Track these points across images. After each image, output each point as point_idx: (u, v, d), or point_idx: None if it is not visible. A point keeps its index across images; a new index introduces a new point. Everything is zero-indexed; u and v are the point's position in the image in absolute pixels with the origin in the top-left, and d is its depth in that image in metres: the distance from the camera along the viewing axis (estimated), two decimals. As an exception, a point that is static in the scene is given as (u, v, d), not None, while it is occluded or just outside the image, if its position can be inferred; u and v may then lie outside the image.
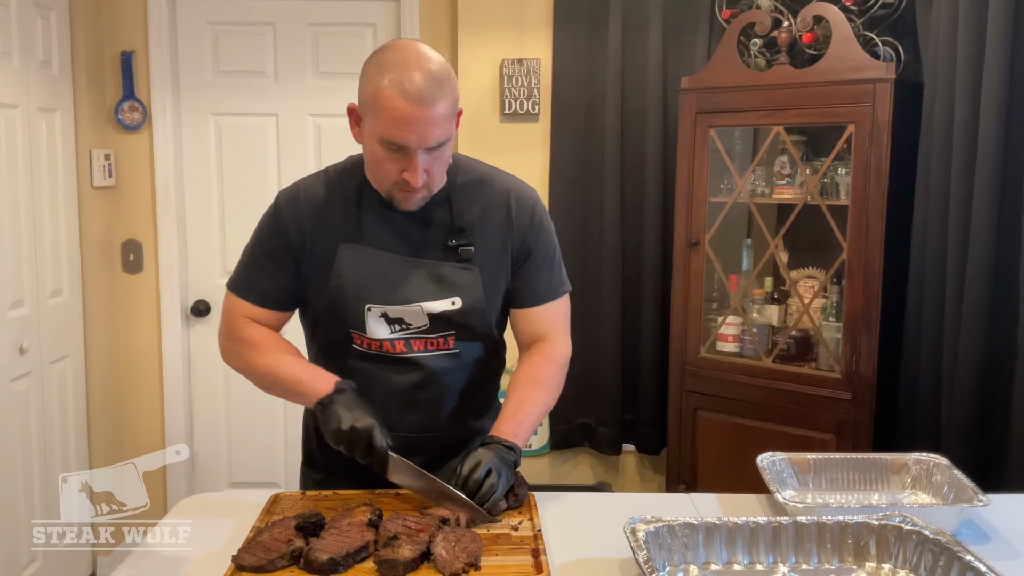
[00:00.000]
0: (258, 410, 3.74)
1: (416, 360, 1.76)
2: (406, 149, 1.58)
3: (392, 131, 1.57)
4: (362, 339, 1.75)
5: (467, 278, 1.73)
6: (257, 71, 3.64)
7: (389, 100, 1.55)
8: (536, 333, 1.84)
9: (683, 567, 1.44)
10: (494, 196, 1.77)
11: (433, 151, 1.60)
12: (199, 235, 3.70)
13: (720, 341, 3.32)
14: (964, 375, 2.65)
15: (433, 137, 1.58)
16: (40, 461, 3.12)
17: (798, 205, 3.09)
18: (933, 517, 1.54)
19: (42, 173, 3.13)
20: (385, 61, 1.58)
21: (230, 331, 1.80)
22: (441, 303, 1.72)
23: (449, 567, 1.38)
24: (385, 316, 1.72)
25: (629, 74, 3.49)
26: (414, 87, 1.54)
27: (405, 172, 1.61)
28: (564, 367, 1.86)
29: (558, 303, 1.85)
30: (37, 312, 3.11)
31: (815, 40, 3.04)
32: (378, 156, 1.62)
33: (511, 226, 1.77)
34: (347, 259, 1.72)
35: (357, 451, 1.60)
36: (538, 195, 1.85)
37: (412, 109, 1.54)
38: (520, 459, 1.68)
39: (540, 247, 1.80)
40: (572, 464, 3.79)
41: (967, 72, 2.64)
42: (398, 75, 1.55)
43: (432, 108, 1.55)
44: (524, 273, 1.79)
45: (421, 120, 1.55)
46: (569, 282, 1.88)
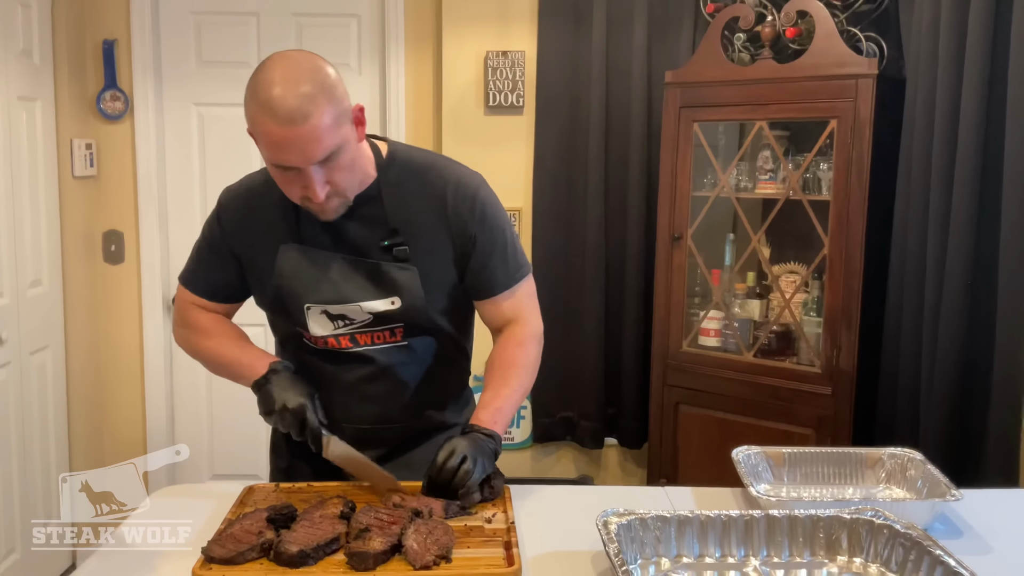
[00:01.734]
0: (240, 402, 3.67)
1: (365, 354, 1.75)
2: (297, 168, 1.54)
3: (275, 155, 1.53)
4: (308, 336, 1.76)
5: (405, 278, 1.70)
6: (240, 61, 3.62)
7: (263, 126, 1.50)
8: (504, 319, 1.81)
9: (655, 560, 1.44)
10: (431, 188, 1.72)
11: (326, 163, 1.55)
12: (181, 226, 3.68)
13: (702, 335, 3.32)
14: (943, 371, 2.67)
15: (317, 152, 1.52)
16: (19, 451, 3.10)
17: (780, 200, 3.09)
18: (906, 512, 1.54)
19: (22, 162, 3.11)
20: (256, 84, 1.52)
21: (180, 317, 1.86)
22: (380, 303, 1.71)
23: (420, 559, 1.38)
24: (326, 313, 1.72)
25: (614, 68, 3.49)
26: (281, 109, 1.47)
27: (306, 188, 1.57)
28: (538, 343, 1.82)
29: (520, 287, 1.80)
30: (16, 302, 3.08)
31: (799, 35, 3.05)
32: (278, 178, 1.59)
33: (447, 220, 1.71)
34: (286, 259, 1.71)
35: (292, 429, 1.63)
36: (482, 181, 1.77)
37: (284, 131, 1.49)
38: (500, 447, 1.68)
39: (485, 237, 1.74)
40: (554, 458, 3.79)
41: (948, 68, 2.65)
42: (265, 98, 1.48)
43: (304, 125, 1.48)
44: (475, 265, 1.75)
45: (297, 140, 1.49)
46: (528, 263, 1.83)
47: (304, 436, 1.63)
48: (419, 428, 1.84)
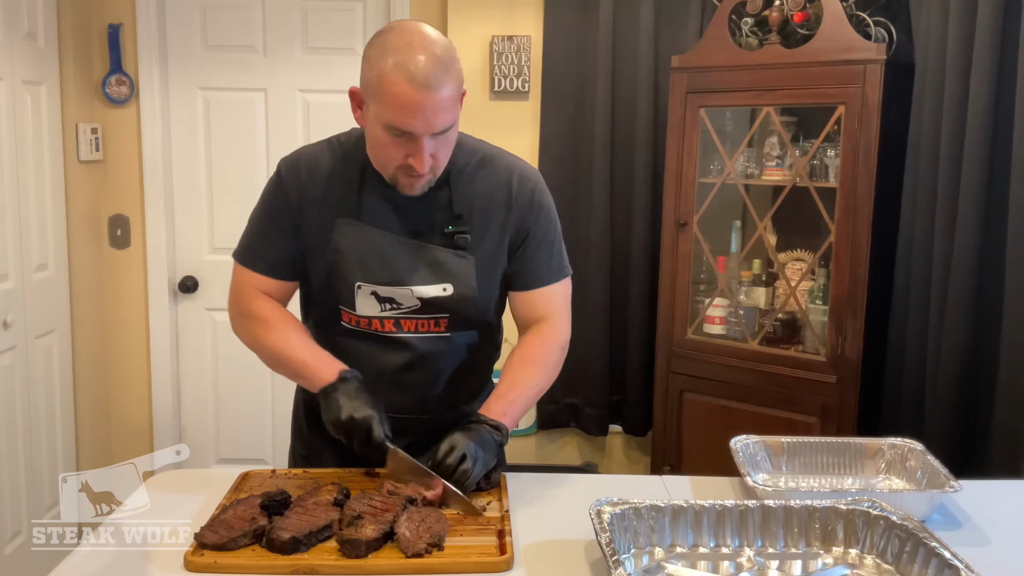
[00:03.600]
0: (246, 387, 3.74)
1: (405, 341, 1.74)
2: (411, 135, 1.54)
3: (397, 117, 1.52)
4: (350, 316, 1.74)
5: (461, 266, 1.70)
6: (246, 45, 3.61)
7: (394, 86, 1.50)
8: (535, 316, 1.81)
9: (648, 549, 1.43)
10: (496, 177, 1.74)
11: (439, 136, 1.57)
12: (187, 210, 3.68)
13: (707, 323, 3.30)
14: (948, 360, 2.65)
15: (439, 123, 1.54)
16: (25, 435, 3.12)
17: (787, 187, 3.07)
18: (904, 503, 1.53)
19: (27, 147, 3.11)
20: (388, 44, 1.53)
21: (239, 304, 1.78)
22: (432, 288, 1.70)
23: (412, 547, 1.38)
24: (375, 294, 1.71)
25: (620, 52, 3.46)
26: (419, 72, 1.49)
27: (410, 158, 1.57)
28: (563, 349, 1.83)
29: (558, 286, 1.81)
30: (22, 287, 3.09)
31: (807, 20, 3.01)
32: (382, 141, 1.58)
33: (511, 207, 1.74)
34: (343, 234, 1.69)
35: (355, 441, 1.59)
36: (540, 176, 1.81)
37: (418, 95, 1.50)
38: (506, 439, 1.67)
39: (539, 229, 1.77)
40: (559, 445, 3.78)
41: (958, 54, 2.62)
42: (403, 59, 1.50)
43: (438, 93, 1.51)
44: (523, 255, 1.76)
45: (427, 106, 1.51)
46: (569, 267, 1.85)
47: (368, 448, 1.59)
48: (448, 420, 1.80)
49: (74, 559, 1.44)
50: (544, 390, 1.81)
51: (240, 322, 1.79)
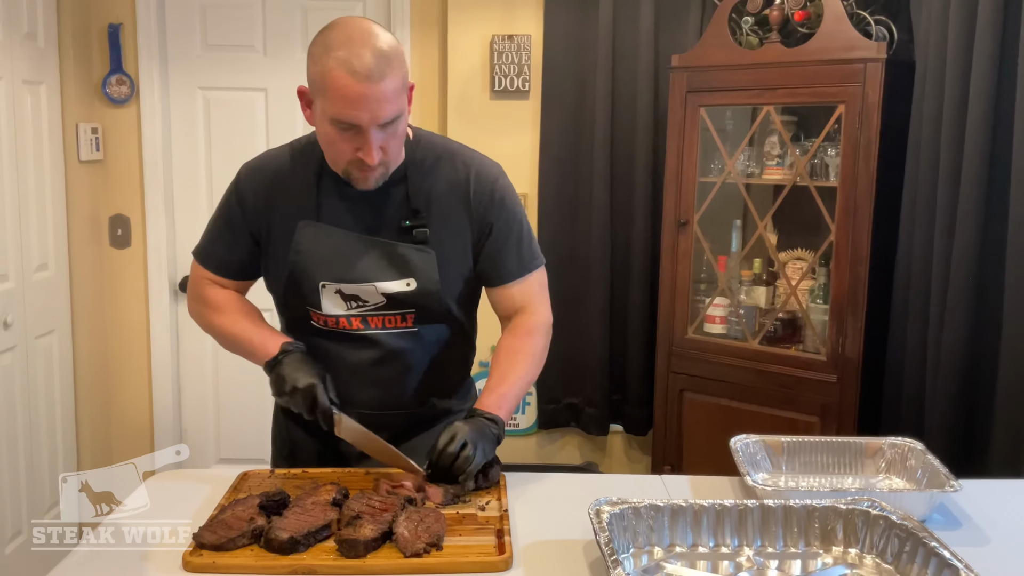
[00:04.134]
0: (246, 386, 3.72)
1: (374, 337, 1.76)
2: (359, 128, 1.56)
3: (343, 110, 1.55)
4: (318, 316, 1.76)
5: (422, 260, 1.71)
6: (246, 45, 3.61)
7: (337, 80, 1.53)
8: (514, 308, 1.83)
9: (647, 549, 1.43)
10: (453, 173, 1.75)
11: (387, 127, 1.59)
12: (187, 210, 3.68)
13: (708, 322, 3.30)
14: (949, 359, 2.64)
15: (385, 113, 1.56)
16: (25, 434, 3.12)
17: (787, 186, 3.06)
18: (904, 502, 1.53)
19: (27, 146, 3.11)
20: (331, 40, 1.56)
21: (194, 291, 1.86)
22: (395, 283, 1.72)
23: (410, 547, 1.37)
24: (340, 293, 1.73)
25: (620, 51, 3.45)
26: (362, 64, 1.52)
27: (359, 151, 1.59)
28: (547, 334, 1.84)
29: (531, 276, 1.82)
30: (22, 286, 3.09)
31: (807, 19, 3.00)
32: (331, 136, 1.60)
33: (469, 204, 1.75)
34: (304, 235, 1.72)
35: (303, 409, 1.63)
36: (501, 171, 1.81)
37: (361, 87, 1.52)
38: (503, 432, 1.68)
39: (502, 224, 1.77)
40: (559, 444, 3.78)
41: (958, 53, 2.61)
42: (345, 53, 1.53)
43: (381, 84, 1.53)
44: (490, 251, 1.77)
45: (371, 97, 1.53)
46: (542, 255, 1.85)
47: (315, 415, 1.63)
48: (422, 415, 1.85)
49: (73, 559, 1.43)
50: (534, 379, 1.82)
51: (194, 308, 1.87)
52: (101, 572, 1.39)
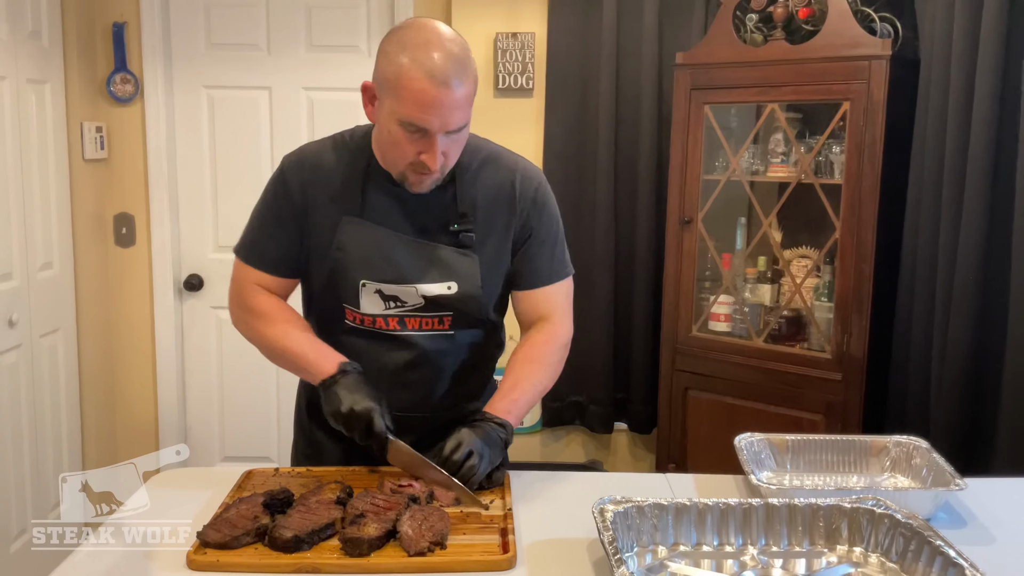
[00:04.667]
0: (251, 385, 3.75)
1: (409, 339, 1.74)
2: (426, 131, 1.55)
3: (414, 113, 1.53)
4: (354, 315, 1.73)
5: (465, 264, 1.70)
6: (250, 43, 3.61)
7: (413, 82, 1.51)
8: (537, 314, 1.82)
9: (651, 548, 1.43)
10: (499, 176, 1.74)
11: (452, 134, 1.57)
12: (192, 209, 3.69)
13: (712, 320, 3.30)
14: (954, 357, 2.64)
15: (455, 120, 1.55)
16: (31, 433, 3.13)
17: (792, 184, 3.06)
18: (908, 501, 1.52)
19: (32, 145, 3.11)
20: (407, 40, 1.54)
21: (240, 299, 1.79)
22: (437, 286, 1.70)
23: (414, 546, 1.37)
24: (380, 293, 1.71)
25: (624, 49, 3.45)
26: (439, 69, 1.50)
27: (423, 154, 1.57)
28: (564, 348, 1.84)
29: (560, 285, 1.82)
30: (27, 285, 3.10)
31: (812, 16, 3.00)
32: (396, 137, 1.58)
33: (514, 207, 1.74)
34: (348, 233, 1.69)
35: (356, 433, 1.59)
36: (543, 176, 1.81)
37: (436, 91, 1.51)
38: (511, 437, 1.67)
39: (542, 228, 1.77)
40: (564, 442, 3.78)
41: (963, 49, 2.61)
42: (422, 56, 1.51)
43: (456, 91, 1.52)
44: (525, 254, 1.77)
45: (445, 103, 1.52)
46: (571, 265, 1.85)
47: (369, 440, 1.59)
48: (450, 418, 1.80)
49: (76, 558, 1.44)
50: (547, 388, 1.82)
51: (240, 316, 1.80)
52: (105, 571, 1.39)
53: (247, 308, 1.78)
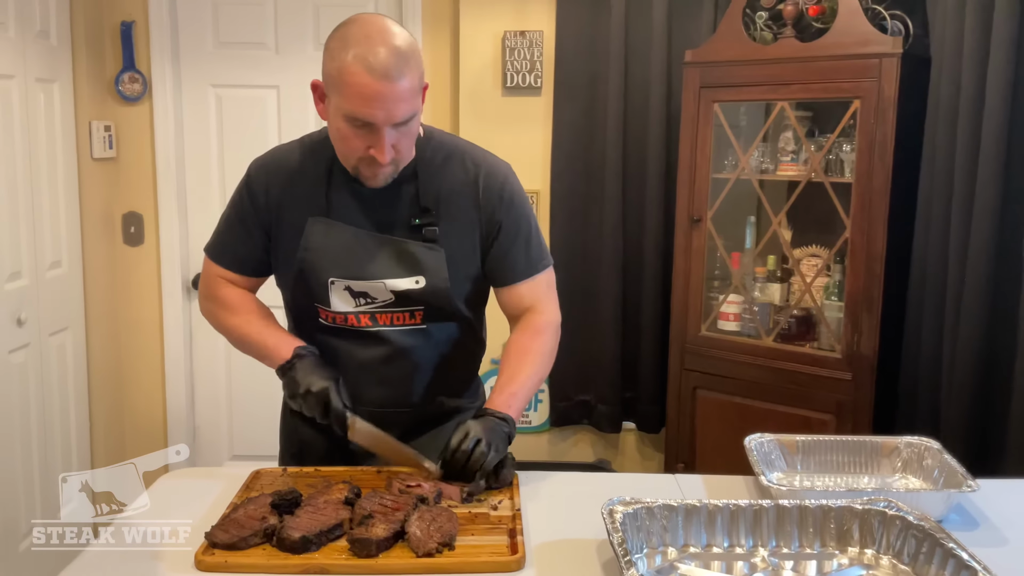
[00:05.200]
0: (259, 383, 3.70)
1: (382, 335, 1.75)
2: (372, 125, 1.56)
3: (358, 107, 1.54)
4: (327, 313, 1.75)
5: (431, 258, 1.71)
6: (258, 42, 3.61)
7: (354, 76, 1.52)
8: (522, 307, 1.82)
9: (661, 549, 1.42)
10: (463, 172, 1.75)
11: (400, 126, 1.58)
12: (200, 207, 3.69)
13: (721, 319, 3.28)
14: (965, 356, 2.62)
15: (400, 112, 1.56)
16: (39, 432, 3.13)
17: (802, 182, 3.04)
18: (920, 502, 1.51)
19: (40, 144, 3.12)
20: (349, 36, 1.55)
21: (206, 289, 1.85)
22: (404, 281, 1.71)
23: (423, 546, 1.37)
24: (349, 290, 1.72)
25: (633, 47, 3.44)
26: (379, 63, 1.51)
27: (372, 148, 1.59)
28: (555, 333, 1.83)
29: (540, 277, 1.82)
30: (36, 284, 3.10)
31: (821, 13, 2.98)
32: (344, 133, 1.60)
33: (478, 203, 1.74)
34: (314, 232, 1.71)
35: (316, 413, 1.62)
36: (511, 170, 1.81)
37: (378, 85, 1.52)
38: (515, 430, 1.67)
39: (511, 223, 1.76)
40: (571, 442, 3.77)
41: (974, 47, 2.59)
42: (363, 50, 1.52)
43: (398, 83, 1.53)
44: (498, 251, 1.77)
45: (387, 96, 1.53)
46: (550, 256, 1.85)
47: (328, 419, 1.62)
48: (431, 413, 1.84)
49: (85, 558, 1.44)
50: (543, 378, 1.82)
51: (206, 307, 1.86)
52: (113, 571, 1.39)
53: (212, 299, 1.83)
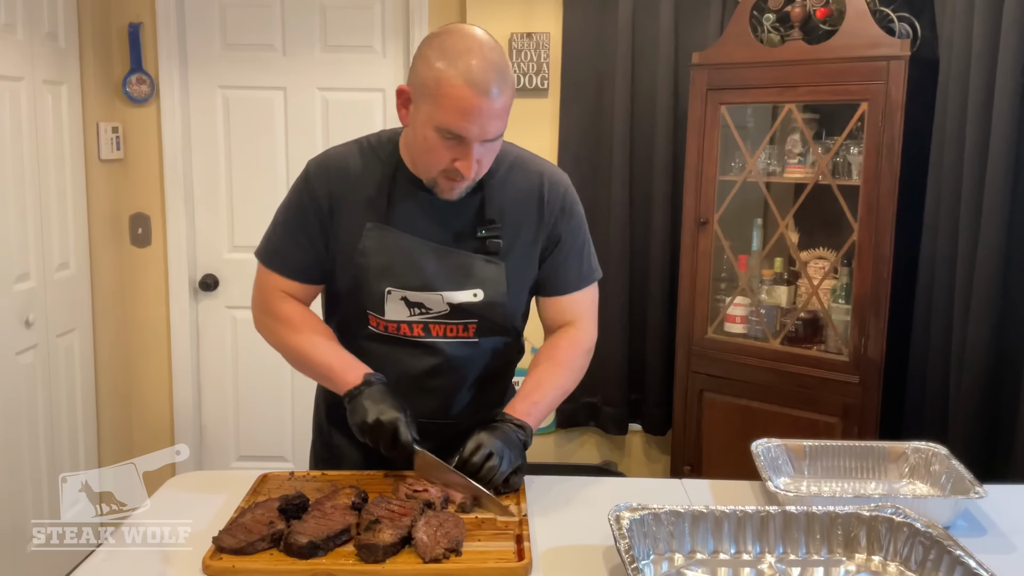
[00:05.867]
0: (266, 384, 3.75)
1: (433, 345, 1.73)
2: (463, 139, 1.54)
3: (454, 120, 1.52)
4: (378, 321, 1.72)
5: (492, 272, 1.69)
6: (265, 44, 3.62)
7: (454, 89, 1.50)
8: (563, 320, 1.81)
9: (668, 556, 1.42)
10: (527, 182, 1.73)
11: (488, 143, 1.56)
12: (207, 209, 3.70)
13: (728, 322, 3.28)
14: (973, 361, 2.61)
15: (493, 129, 1.54)
16: (47, 433, 3.14)
17: (809, 185, 3.03)
18: (928, 509, 1.51)
19: (48, 146, 3.13)
20: (447, 47, 1.53)
21: (264, 305, 1.78)
22: (463, 294, 1.69)
23: (429, 552, 1.37)
24: (405, 300, 1.69)
25: (640, 49, 3.43)
26: (480, 77, 1.50)
27: (458, 162, 1.56)
28: (588, 353, 1.82)
29: (587, 291, 1.81)
30: (44, 285, 3.11)
31: (829, 15, 2.97)
32: (431, 144, 1.56)
33: (542, 214, 1.72)
34: (372, 239, 1.68)
35: (382, 444, 1.58)
36: (569, 180, 1.80)
37: (478, 100, 1.50)
38: (530, 439, 1.67)
39: (570, 234, 1.76)
40: (577, 443, 3.77)
41: (983, 49, 2.58)
42: (464, 64, 1.50)
43: (496, 100, 1.51)
44: (554, 261, 1.75)
45: (485, 112, 1.51)
46: (599, 269, 1.84)
47: (395, 451, 1.58)
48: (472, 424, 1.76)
49: (93, 561, 1.44)
50: (568, 392, 1.80)
51: (264, 322, 1.79)
52: (121, 574, 1.40)
53: (271, 315, 1.76)
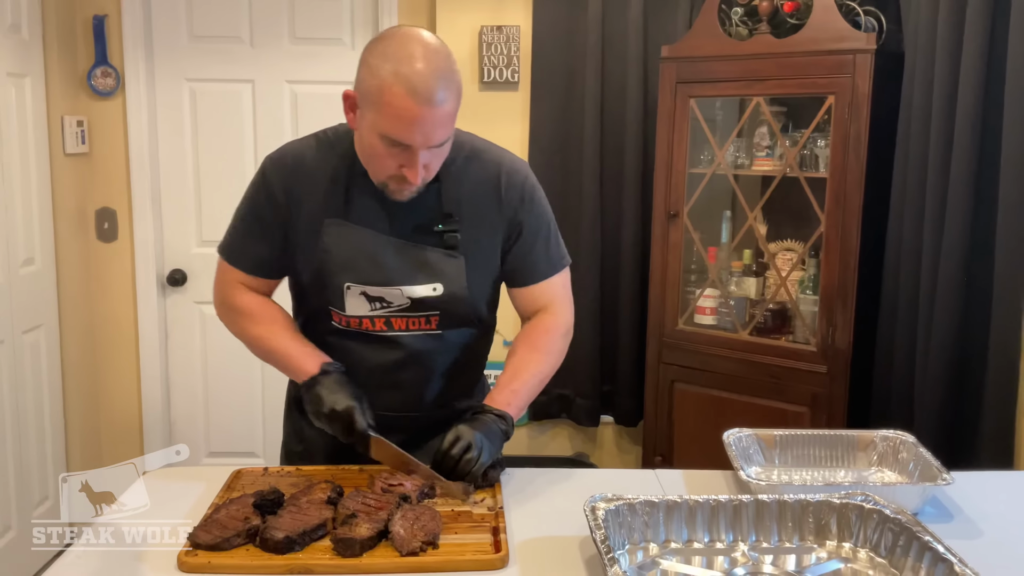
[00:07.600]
0: (236, 380, 3.72)
1: (397, 339, 1.72)
2: (408, 147, 1.52)
3: (396, 129, 1.50)
4: (340, 316, 1.72)
5: (451, 266, 1.68)
6: (232, 36, 3.58)
7: (396, 98, 1.47)
8: (537, 307, 1.80)
9: (643, 545, 1.44)
10: (484, 172, 1.71)
11: (435, 148, 1.55)
12: (174, 203, 3.66)
13: (698, 313, 3.31)
14: (939, 349, 2.65)
15: (438, 136, 1.52)
16: (14, 430, 3.10)
17: (777, 177, 3.07)
18: (896, 496, 1.53)
19: (12, 140, 3.08)
20: (390, 53, 1.49)
21: (224, 297, 1.78)
22: (422, 288, 1.68)
23: (406, 545, 1.37)
24: (365, 295, 1.69)
25: (610, 42, 3.45)
26: (423, 85, 1.46)
27: (404, 168, 1.55)
28: (566, 336, 1.82)
29: (558, 277, 1.80)
30: (8, 281, 3.07)
31: (797, 9, 3.00)
32: (377, 150, 1.55)
33: (500, 204, 1.71)
34: (332, 235, 1.67)
35: (339, 432, 1.58)
36: (529, 168, 1.79)
37: (420, 109, 1.47)
38: (512, 429, 1.67)
39: (532, 222, 1.74)
40: (550, 435, 3.79)
41: (947, 42, 2.62)
42: (406, 71, 1.47)
43: (440, 108, 1.49)
44: (519, 251, 1.74)
45: (429, 120, 1.49)
46: (567, 255, 1.83)
47: (352, 438, 1.59)
48: (442, 417, 1.79)
49: (67, 559, 1.42)
50: (548, 377, 1.80)
51: (225, 314, 1.80)
52: (95, 573, 1.39)
53: (232, 307, 1.77)
